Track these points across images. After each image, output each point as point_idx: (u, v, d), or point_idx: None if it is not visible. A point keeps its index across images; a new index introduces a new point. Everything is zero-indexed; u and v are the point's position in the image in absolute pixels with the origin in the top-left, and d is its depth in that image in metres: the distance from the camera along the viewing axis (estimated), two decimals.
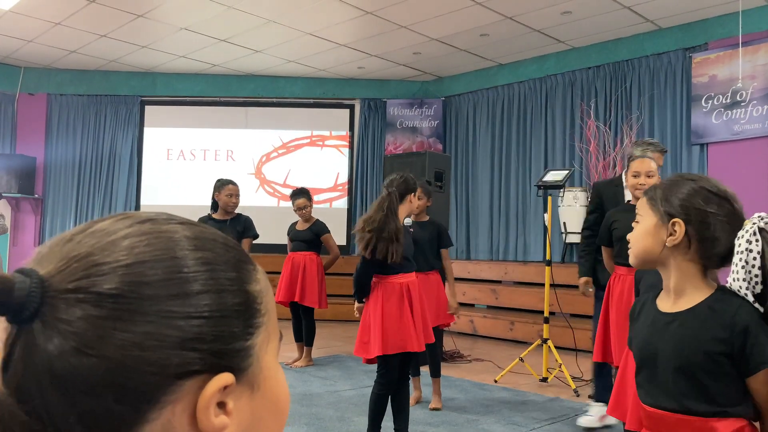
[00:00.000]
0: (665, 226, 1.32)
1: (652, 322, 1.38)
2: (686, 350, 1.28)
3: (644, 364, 1.37)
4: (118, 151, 9.45)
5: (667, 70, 6.99)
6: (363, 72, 8.99)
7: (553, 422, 3.65)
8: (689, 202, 1.31)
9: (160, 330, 0.43)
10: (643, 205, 1.38)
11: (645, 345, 1.37)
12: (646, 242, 1.36)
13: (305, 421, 3.57)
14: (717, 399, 1.25)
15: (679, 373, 1.28)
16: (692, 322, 1.30)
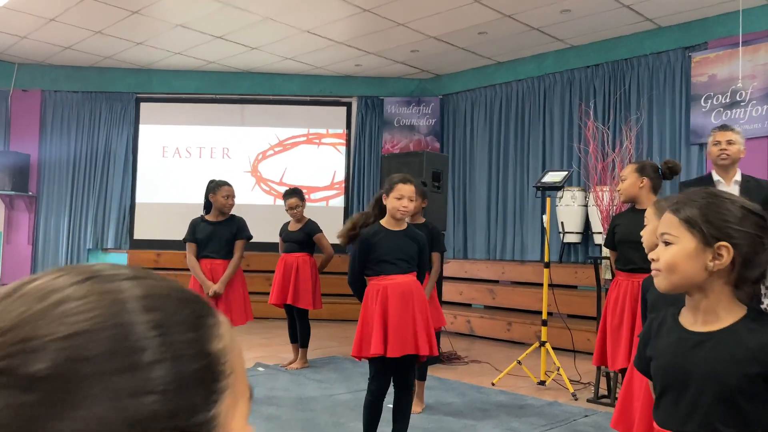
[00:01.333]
0: (709, 250, 1.23)
1: (678, 341, 1.30)
2: (724, 372, 1.21)
3: (670, 387, 1.28)
4: (113, 149, 9.37)
5: (667, 69, 6.94)
6: (360, 70, 8.93)
7: (552, 428, 3.61)
8: (737, 224, 1.23)
9: (105, 413, 0.36)
10: (675, 225, 1.27)
11: (672, 366, 1.29)
12: (687, 268, 1.25)
13: (300, 426, 3.52)
14: (752, 425, 1.19)
15: (715, 397, 1.21)
16: (728, 342, 1.23)
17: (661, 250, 1.30)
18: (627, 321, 3.08)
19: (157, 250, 9.03)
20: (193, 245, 3.99)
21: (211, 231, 3.98)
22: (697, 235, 1.24)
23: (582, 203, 7.09)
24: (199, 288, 3.92)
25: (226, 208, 4.02)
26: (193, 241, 3.99)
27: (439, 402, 4.14)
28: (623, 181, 3.20)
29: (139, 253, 9.10)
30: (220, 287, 3.86)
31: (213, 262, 3.94)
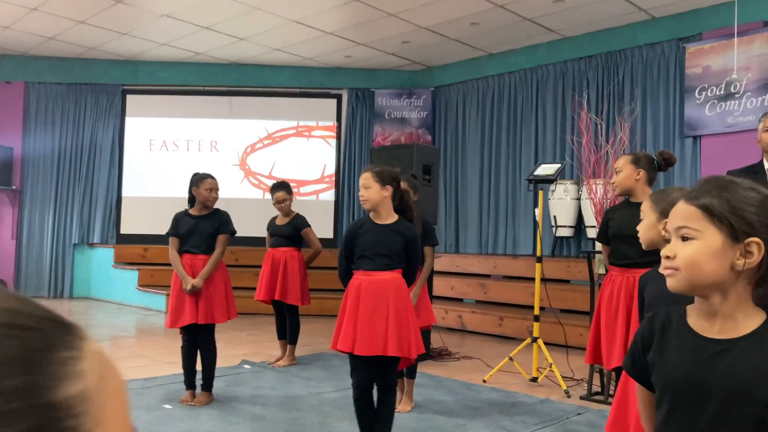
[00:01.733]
0: (737, 246, 1.08)
1: (692, 349, 1.13)
2: (753, 386, 1.05)
3: (684, 404, 1.12)
4: (98, 142, 9.21)
5: (661, 60, 6.85)
6: (350, 61, 8.79)
7: (544, 426, 3.52)
8: (765, 216, 1.08)
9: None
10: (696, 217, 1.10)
11: (688, 380, 1.12)
12: (712, 267, 1.08)
13: (285, 426, 3.42)
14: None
15: (739, 414, 1.05)
16: (754, 351, 1.08)
17: (678, 246, 1.12)
18: (622, 318, 2.98)
19: (144, 244, 8.88)
20: (176, 240, 3.87)
21: (193, 225, 3.85)
22: (724, 230, 1.08)
23: (575, 197, 7.01)
24: (180, 283, 3.80)
25: (210, 201, 3.89)
26: (175, 235, 3.87)
27: (429, 400, 4.04)
28: (618, 173, 3.09)
29: (125, 248, 8.95)
30: (198, 282, 3.73)
31: (194, 258, 3.82)
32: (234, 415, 3.61)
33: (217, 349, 3.95)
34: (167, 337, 6.23)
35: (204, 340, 3.87)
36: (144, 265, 8.71)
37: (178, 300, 3.80)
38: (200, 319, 3.76)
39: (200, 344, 3.87)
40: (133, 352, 5.49)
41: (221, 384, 4.25)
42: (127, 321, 7.32)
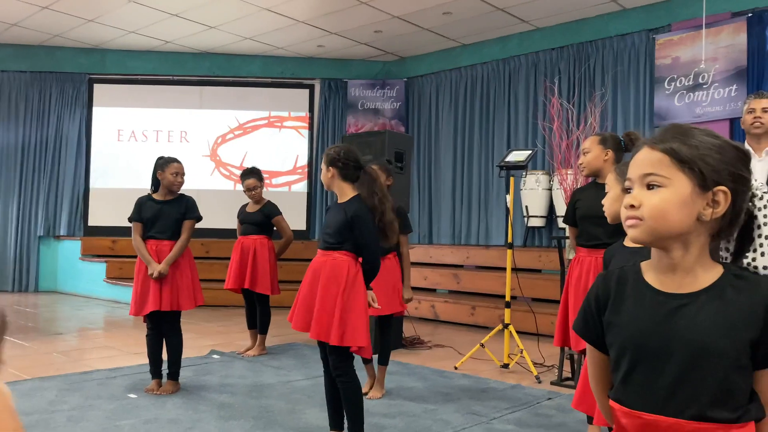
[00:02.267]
0: (704, 194, 1.04)
1: (651, 305, 1.09)
2: (715, 339, 1.02)
3: (644, 361, 1.08)
4: (65, 132, 9.00)
5: (631, 51, 6.90)
6: (323, 51, 8.71)
7: (514, 411, 3.51)
8: (729, 164, 1.05)
9: None
10: (665, 164, 1.05)
11: (646, 335, 1.08)
12: (680, 217, 1.04)
13: (253, 414, 3.35)
14: (739, 398, 1.03)
15: (702, 369, 1.02)
16: (715, 304, 1.04)
17: (643, 194, 1.06)
18: None
19: (113, 236, 8.71)
20: (139, 225, 3.77)
21: (158, 210, 3.75)
22: (693, 177, 1.04)
23: (546, 187, 7.03)
24: (145, 270, 3.70)
25: (175, 186, 3.80)
26: (138, 220, 3.77)
27: (400, 387, 4.01)
28: (586, 154, 3.07)
29: (93, 240, 8.77)
30: (164, 267, 3.64)
31: (159, 243, 3.72)
32: (201, 403, 3.54)
33: (183, 337, 3.87)
34: (135, 328, 6.10)
35: (169, 328, 3.78)
36: (112, 258, 8.53)
37: (143, 287, 3.71)
38: (165, 306, 3.67)
39: (165, 332, 3.78)
40: (99, 343, 5.37)
41: (188, 373, 4.17)
42: (94, 314, 7.17)
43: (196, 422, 3.19)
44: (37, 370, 4.27)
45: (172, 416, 3.28)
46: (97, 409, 3.36)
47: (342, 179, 2.84)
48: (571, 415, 3.44)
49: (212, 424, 3.16)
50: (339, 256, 2.77)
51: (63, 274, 9.04)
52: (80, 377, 4.05)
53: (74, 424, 3.12)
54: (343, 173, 2.82)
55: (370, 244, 2.77)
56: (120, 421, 3.18)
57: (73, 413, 3.28)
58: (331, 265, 2.77)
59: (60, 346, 5.17)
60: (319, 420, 3.26)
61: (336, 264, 2.77)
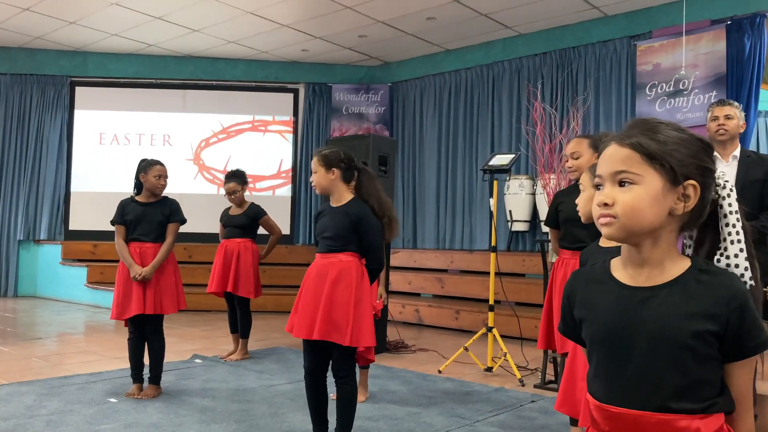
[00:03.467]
0: (675, 189, 1.05)
1: (617, 299, 1.10)
2: (675, 330, 1.03)
3: (610, 353, 1.09)
4: (45, 135, 8.90)
5: (613, 57, 6.97)
6: (307, 55, 8.71)
7: (498, 413, 3.51)
8: (698, 158, 1.06)
9: None
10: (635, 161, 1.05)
11: (612, 328, 1.08)
12: (653, 212, 1.04)
13: (235, 417, 3.33)
14: (704, 391, 1.04)
15: (664, 360, 1.03)
16: (678, 296, 1.05)
17: (615, 192, 1.06)
18: None
19: (94, 241, 8.61)
20: (122, 227, 3.73)
21: (141, 213, 3.72)
22: (664, 173, 1.04)
23: (529, 191, 7.07)
24: (127, 273, 3.66)
25: (158, 189, 3.77)
26: (121, 223, 3.73)
27: (383, 390, 4.00)
28: (577, 158, 3.07)
29: (74, 245, 8.67)
30: (149, 272, 3.61)
31: (142, 246, 3.69)
32: (182, 407, 3.50)
33: (165, 341, 3.83)
34: (116, 333, 6.04)
35: (152, 331, 3.74)
36: (93, 262, 8.44)
37: (125, 290, 3.67)
38: (148, 310, 3.64)
39: (148, 335, 3.74)
40: (79, 348, 5.30)
41: (170, 378, 4.13)
42: (74, 318, 7.08)
43: (178, 426, 3.15)
44: (15, 374, 4.20)
45: (153, 420, 3.24)
46: (77, 414, 3.32)
47: (343, 181, 2.83)
48: (555, 417, 3.45)
49: (194, 428, 3.13)
50: (345, 258, 2.74)
51: (43, 278, 8.92)
52: (60, 382, 4.00)
53: (53, 428, 3.07)
54: (345, 175, 2.82)
55: (377, 244, 2.77)
56: (100, 425, 3.14)
57: (52, 418, 3.24)
58: (339, 267, 2.72)
59: (39, 351, 5.09)
60: (303, 423, 3.24)
61: (344, 266, 2.73)
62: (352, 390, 2.76)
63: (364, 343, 2.71)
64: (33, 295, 8.92)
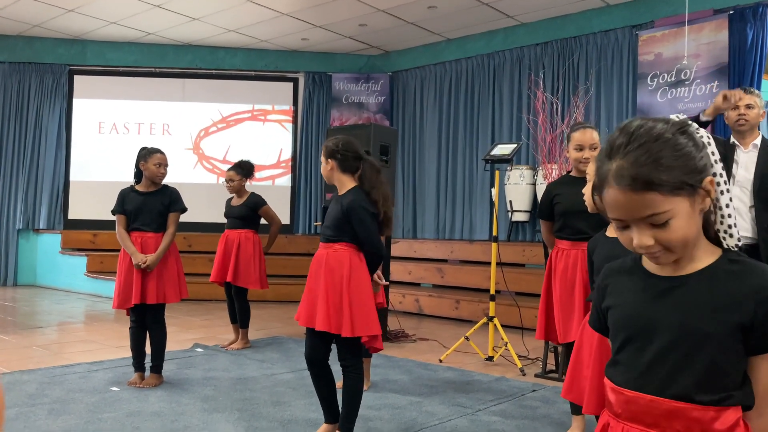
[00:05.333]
0: (699, 194, 1.03)
1: (644, 288, 1.09)
2: (697, 319, 1.03)
3: (632, 339, 1.10)
4: (44, 124, 8.86)
5: (614, 47, 6.95)
6: (307, 44, 8.66)
7: (499, 403, 3.52)
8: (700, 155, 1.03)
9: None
10: (660, 201, 0.99)
11: (636, 315, 1.08)
12: (693, 227, 1.04)
13: (237, 406, 3.33)
14: (724, 381, 1.03)
15: (684, 349, 1.03)
16: (705, 285, 1.04)
17: (649, 232, 1.02)
18: (579, 290, 2.96)
19: (94, 230, 8.60)
20: (123, 217, 3.72)
21: (141, 202, 3.71)
22: (686, 193, 1.01)
23: (530, 182, 7.06)
24: (128, 262, 3.65)
25: (158, 177, 3.75)
26: (122, 212, 3.72)
27: (385, 379, 4.01)
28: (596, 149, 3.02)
29: (73, 234, 8.65)
30: (153, 261, 3.60)
31: (144, 235, 3.68)
32: (184, 396, 3.51)
33: (167, 330, 3.83)
34: (117, 322, 6.04)
35: (154, 320, 3.74)
36: (93, 251, 8.43)
37: (127, 280, 3.66)
38: (150, 299, 3.63)
39: (149, 325, 3.74)
40: (80, 337, 5.30)
41: (172, 367, 4.13)
42: (74, 308, 7.08)
43: (180, 415, 3.16)
44: (16, 363, 4.20)
45: (155, 409, 3.25)
46: (79, 403, 3.32)
47: (341, 171, 2.81)
48: (556, 406, 3.46)
49: (196, 417, 3.13)
50: (339, 248, 2.75)
51: (42, 267, 8.91)
52: (61, 371, 4.00)
53: (55, 417, 3.07)
54: (342, 165, 2.80)
55: (368, 235, 2.73)
56: (102, 414, 3.14)
57: (55, 406, 3.24)
58: (332, 258, 2.74)
59: (40, 340, 5.09)
60: (305, 412, 3.24)
61: (337, 256, 2.74)
62: (356, 379, 2.76)
63: (362, 332, 2.69)
64: (32, 285, 8.92)
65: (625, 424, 1.08)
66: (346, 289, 2.69)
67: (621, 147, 1.02)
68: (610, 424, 1.12)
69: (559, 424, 3.16)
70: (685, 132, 1.04)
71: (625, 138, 1.02)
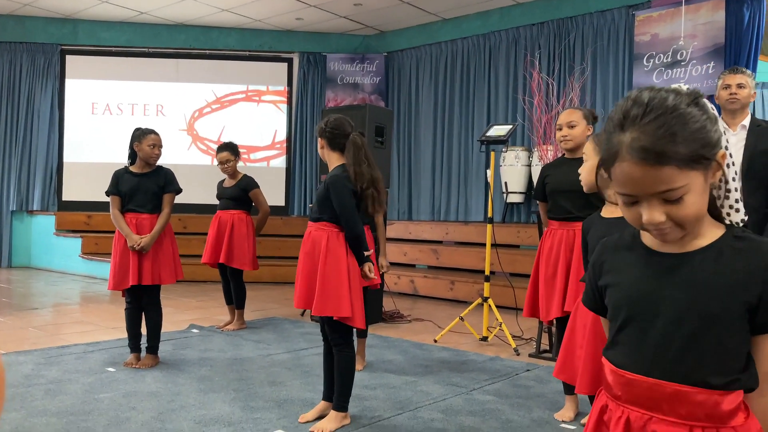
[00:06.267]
0: (711, 169, 1.00)
1: (645, 264, 1.05)
2: (705, 298, 0.99)
3: (634, 318, 1.06)
4: (36, 105, 8.79)
5: (611, 27, 6.91)
6: (302, 24, 8.58)
7: (493, 382, 3.56)
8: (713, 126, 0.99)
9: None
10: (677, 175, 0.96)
11: (639, 293, 1.04)
12: (704, 203, 1.01)
13: (234, 386, 3.35)
14: (731, 364, 1.00)
15: (689, 329, 1.00)
16: (710, 263, 1.00)
17: (662, 208, 0.98)
18: (561, 270, 3.00)
19: (88, 211, 8.57)
20: (117, 198, 3.71)
21: (136, 183, 3.69)
22: (702, 167, 0.98)
23: (525, 163, 7.06)
24: (123, 243, 3.65)
25: (152, 158, 3.74)
26: (116, 193, 3.70)
27: (380, 359, 4.03)
28: (574, 127, 3.06)
29: (67, 215, 8.62)
30: (147, 242, 3.60)
31: (138, 217, 3.67)
32: (180, 376, 3.52)
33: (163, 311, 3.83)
34: (112, 303, 6.05)
35: (149, 301, 3.74)
36: (88, 233, 8.41)
37: (122, 261, 3.66)
38: (146, 280, 3.63)
39: (145, 306, 3.75)
40: (75, 318, 5.31)
41: (168, 347, 4.15)
42: (70, 289, 7.08)
43: (176, 395, 3.18)
44: (12, 344, 4.21)
45: (152, 389, 3.26)
46: (76, 383, 3.33)
47: (331, 149, 2.84)
48: (549, 386, 3.50)
49: (192, 397, 3.15)
50: (320, 227, 2.80)
51: (37, 249, 8.90)
52: (57, 351, 4.01)
53: (52, 397, 3.09)
54: (331, 143, 2.82)
55: (344, 213, 2.73)
56: (99, 394, 3.16)
57: (51, 387, 3.25)
58: (312, 237, 2.81)
59: (35, 321, 5.10)
60: (301, 392, 3.27)
61: (316, 236, 2.80)
62: (345, 358, 2.79)
63: (335, 312, 2.70)
64: (27, 266, 8.90)
65: (625, 407, 1.05)
66: (321, 268, 2.73)
67: (636, 118, 0.97)
68: (608, 406, 1.09)
69: (552, 403, 3.19)
70: (698, 104, 1.00)
71: (640, 109, 0.98)
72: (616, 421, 1.06)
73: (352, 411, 2.92)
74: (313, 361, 3.92)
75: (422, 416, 2.96)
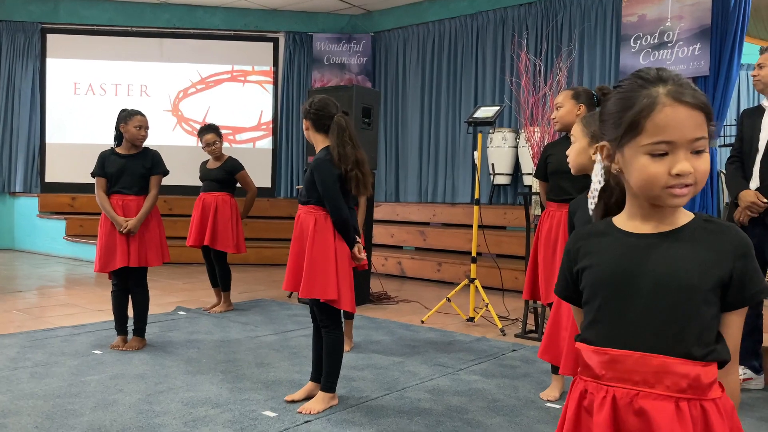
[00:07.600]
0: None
1: (622, 245, 1.09)
2: (681, 273, 1.03)
3: (614, 295, 1.08)
4: (17, 85, 8.64)
5: (598, 8, 6.89)
6: (288, 3, 8.48)
7: (480, 362, 3.59)
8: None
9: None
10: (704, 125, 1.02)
11: (616, 272, 1.07)
12: None
13: (221, 368, 3.35)
14: (705, 336, 1.04)
15: (668, 303, 1.03)
16: (686, 242, 1.05)
17: (693, 160, 1.02)
18: (560, 252, 3.01)
19: (72, 193, 8.48)
20: (103, 180, 3.66)
21: (122, 165, 3.65)
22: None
23: (512, 144, 7.06)
24: (110, 226, 3.62)
25: (139, 140, 3.69)
26: (102, 175, 3.66)
27: (367, 340, 4.05)
28: (559, 109, 3.07)
29: (51, 197, 8.53)
30: (134, 225, 3.57)
31: (125, 198, 3.64)
32: (167, 358, 3.52)
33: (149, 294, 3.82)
34: (98, 286, 6.01)
35: (136, 284, 3.72)
36: (72, 215, 8.33)
37: (108, 243, 3.63)
38: (133, 262, 3.61)
39: (132, 288, 3.73)
40: (61, 300, 5.28)
41: (155, 330, 4.14)
42: (54, 271, 7.02)
43: (164, 377, 3.18)
44: None
45: (139, 371, 3.26)
46: (62, 366, 3.32)
47: (316, 131, 2.82)
48: (535, 365, 3.53)
49: (180, 379, 3.15)
50: (308, 210, 2.80)
51: (20, 231, 8.81)
52: (43, 334, 3.99)
53: (38, 380, 3.07)
54: (316, 125, 2.80)
55: (327, 196, 2.72)
56: (86, 376, 3.15)
57: (37, 369, 3.24)
58: (301, 221, 2.82)
59: (20, 304, 5.06)
60: (288, 373, 3.28)
61: (303, 219, 2.81)
62: (333, 339, 2.80)
63: (321, 295, 2.71)
64: (10, 249, 8.82)
65: (609, 386, 1.05)
66: (308, 251, 2.74)
67: (671, 76, 1.04)
68: (588, 389, 1.09)
69: (538, 383, 3.23)
70: None
71: (670, 73, 1.04)
72: (600, 402, 1.06)
73: (340, 392, 2.94)
74: (301, 343, 3.93)
75: (409, 396, 2.98)
